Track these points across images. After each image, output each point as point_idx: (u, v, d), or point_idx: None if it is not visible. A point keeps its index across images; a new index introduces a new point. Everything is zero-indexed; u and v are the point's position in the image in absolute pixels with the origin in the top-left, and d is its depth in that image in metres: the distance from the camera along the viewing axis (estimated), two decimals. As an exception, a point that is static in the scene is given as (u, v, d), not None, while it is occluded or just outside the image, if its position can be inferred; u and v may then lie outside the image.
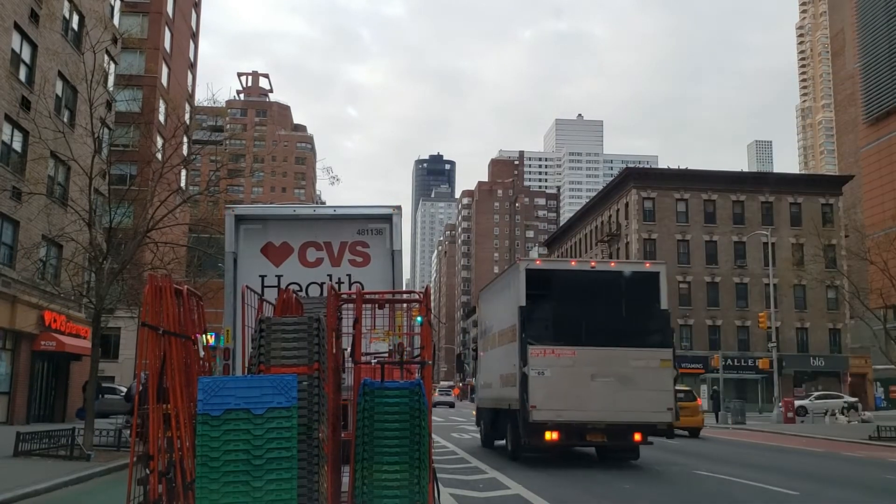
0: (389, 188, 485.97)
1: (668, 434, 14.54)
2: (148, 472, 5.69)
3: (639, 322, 14.35)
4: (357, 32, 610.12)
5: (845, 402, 43.85)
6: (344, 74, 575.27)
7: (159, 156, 26.76)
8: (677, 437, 17.56)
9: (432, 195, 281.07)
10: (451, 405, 57.28)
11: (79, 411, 24.85)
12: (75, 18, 29.25)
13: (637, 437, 13.99)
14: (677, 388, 15.99)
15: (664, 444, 21.03)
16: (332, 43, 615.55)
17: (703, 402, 47.41)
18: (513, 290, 14.80)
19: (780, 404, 36.54)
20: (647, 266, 16.60)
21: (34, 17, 25.64)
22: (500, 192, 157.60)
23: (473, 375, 22.54)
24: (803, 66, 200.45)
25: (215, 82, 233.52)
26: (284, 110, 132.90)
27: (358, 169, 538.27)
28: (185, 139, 25.96)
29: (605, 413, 13.58)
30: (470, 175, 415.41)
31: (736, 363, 55.95)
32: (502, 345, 15.82)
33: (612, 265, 22.08)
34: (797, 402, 40.07)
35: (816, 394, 46.97)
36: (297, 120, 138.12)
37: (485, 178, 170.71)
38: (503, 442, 16.44)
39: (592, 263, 17.94)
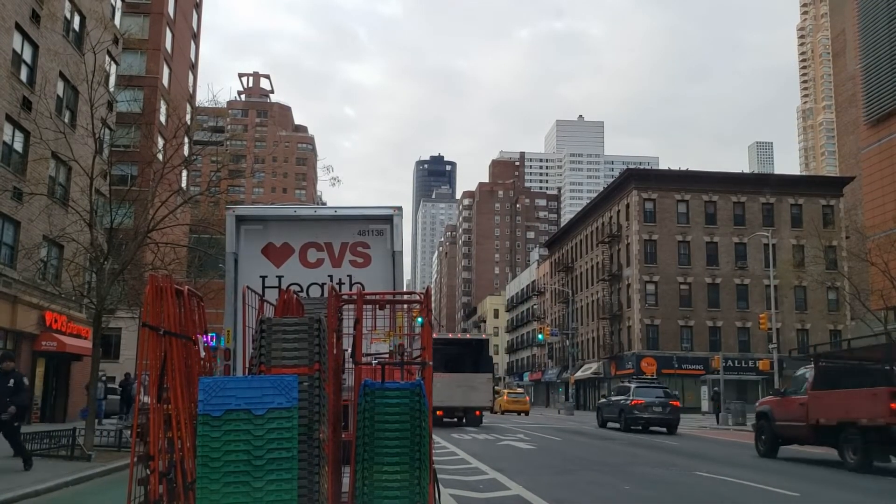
0: (388, 188, 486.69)
1: (491, 410, 35.93)
2: (148, 472, 5.70)
3: (477, 361, 29.53)
4: (354, 31, 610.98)
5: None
6: (340, 74, 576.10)
7: (160, 156, 26.82)
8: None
9: (433, 196, 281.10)
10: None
11: (83, 412, 24.88)
12: (76, 19, 29.29)
13: (477, 413, 29.33)
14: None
15: (664, 444, 21.06)
16: (329, 42, 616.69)
17: (704, 403, 47.50)
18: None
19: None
20: (483, 336, 41.03)
21: (35, 17, 25.66)
22: (500, 192, 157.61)
23: None
24: (804, 67, 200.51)
25: (212, 81, 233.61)
26: (285, 111, 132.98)
27: (356, 169, 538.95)
28: (186, 140, 25.96)
29: (462, 401, 28.44)
30: (470, 175, 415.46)
31: (736, 364, 55.95)
32: None
33: (467, 336, 44.06)
34: (798, 404, 39.86)
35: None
36: (293, 119, 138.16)
37: (485, 179, 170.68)
38: None
39: (458, 335, 41.48)
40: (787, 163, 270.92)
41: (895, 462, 15.87)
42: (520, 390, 62.12)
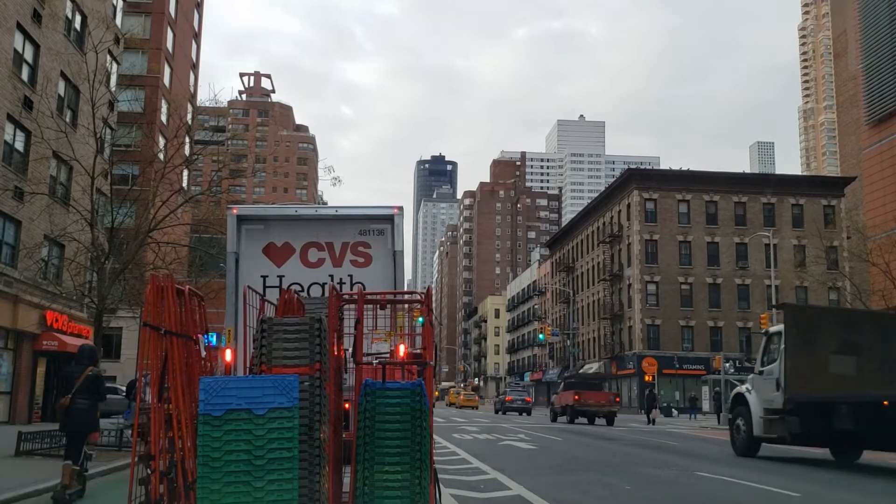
0: (387, 187, 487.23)
1: None
2: (149, 472, 5.70)
3: None
4: (350, 30, 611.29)
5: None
6: (338, 73, 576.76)
7: (161, 156, 26.83)
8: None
9: (434, 196, 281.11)
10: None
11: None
12: (77, 18, 29.29)
13: None
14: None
15: (665, 445, 21.04)
16: (326, 41, 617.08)
17: (705, 403, 47.49)
18: None
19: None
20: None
21: (37, 17, 25.67)
22: (501, 192, 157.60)
23: None
24: (805, 66, 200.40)
25: (209, 81, 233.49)
26: (286, 110, 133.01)
27: (355, 168, 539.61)
28: (188, 139, 25.98)
29: None
30: (471, 175, 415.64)
31: (738, 365, 55.89)
32: None
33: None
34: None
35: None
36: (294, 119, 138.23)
37: (486, 179, 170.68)
38: None
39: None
40: (789, 163, 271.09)
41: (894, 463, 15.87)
42: (472, 392, 78.92)
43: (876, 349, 15.93)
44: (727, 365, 46.05)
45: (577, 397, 35.21)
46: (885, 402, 13.52)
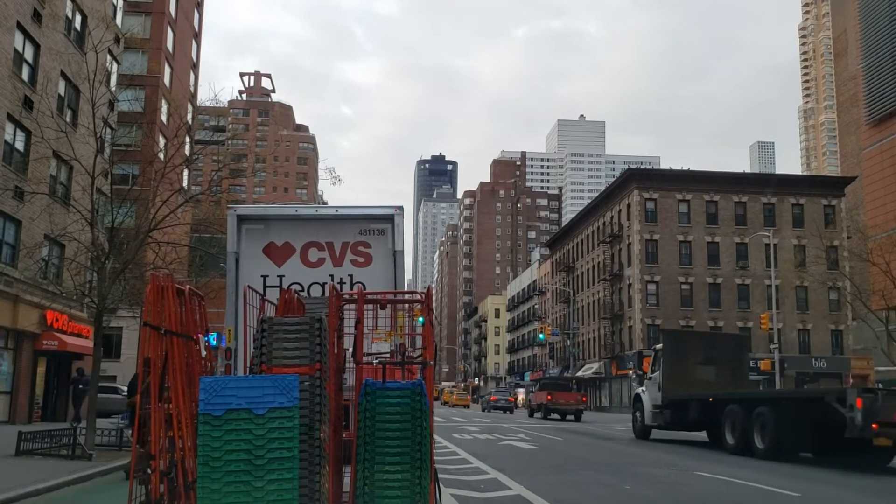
0: (386, 187, 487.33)
1: None
2: (150, 471, 5.70)
3: None
4: (350, 30, 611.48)
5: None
6: (337, 73, 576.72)
7: (161, 155, 26.83)
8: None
9: (434, 195, 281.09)
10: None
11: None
12: (78, 18, 29.29)
13: None
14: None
15: (665, 445, 21.04)
16: (325, 41, 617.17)
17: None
18: None
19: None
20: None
21: (37, 16, 25.67)
22: (501, 192, 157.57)
23: None
24: (805, 66, 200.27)
25: (211, 81, 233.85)
26: (287, 110, 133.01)
27: (355, 168, 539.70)
28: (188, 139, 25.97)
29: None
30: (471, 175, 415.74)
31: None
32: None
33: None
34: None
35: (818, 395, 46.82)
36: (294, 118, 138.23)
37: (486, 178, 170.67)
38: None
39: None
40: (789, 162, 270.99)
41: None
42: (463, 392, 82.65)
43: (727, 362, 22.47)
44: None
45: (549, 397, 40.50)
46: (711, 399, 19.68)
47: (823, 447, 16.69)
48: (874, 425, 14.14)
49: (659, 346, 23.55)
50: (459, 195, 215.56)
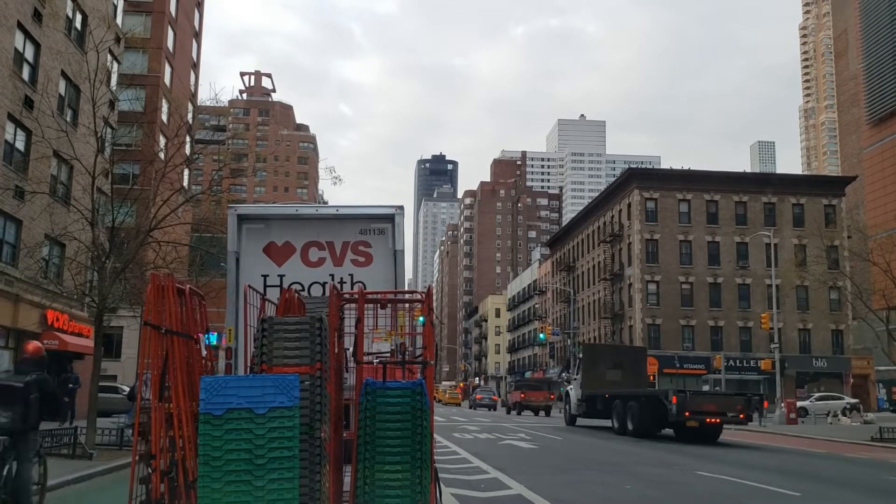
0: (387, 186, 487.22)
1: None
2: (150, 471, 5.70)
3: None
4: (349, 29, 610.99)
5: (847, 403, 43.79)
6: (336, 71, 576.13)
7: (162, 155, 26.83)
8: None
9: (434, 195, 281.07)
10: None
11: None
12: (78, 18, 29.29)
13: None
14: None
15: (666, 445, 21.04)
16: (324, 39, 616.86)
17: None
18: None
19: (783, 405, 36.50)
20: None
21: (37, 16, 25.67)
22: (502, 192, 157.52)
23: None
24: (806, 66, 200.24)
25: (208, 79, 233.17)
26: (287, 110, 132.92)
27: (355, 167, 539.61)
28: (188, 138, 25.97)
29: None
30: (472, 174, 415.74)
31: (738, 364, 55.89)
32: None
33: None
34: (798, 404, 40.02)
35: (817, 395, 46.90)
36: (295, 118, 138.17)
37: (486, 178, 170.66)
38: None
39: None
40: (789, 162, 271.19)
41: None
42: (456, 390, 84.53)
43: (630, 366, 30.24)
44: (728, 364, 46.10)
45: (522, 395, 47.99)
46: (606, 395, 27.04)
47: (663, 427, 23.67)
48: (686, 413, 21.70)
49: (580, 355, 31.87)
50: (460, 195, 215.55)
